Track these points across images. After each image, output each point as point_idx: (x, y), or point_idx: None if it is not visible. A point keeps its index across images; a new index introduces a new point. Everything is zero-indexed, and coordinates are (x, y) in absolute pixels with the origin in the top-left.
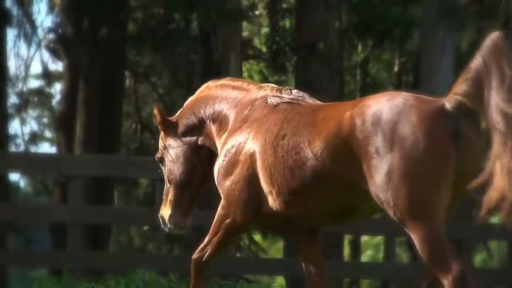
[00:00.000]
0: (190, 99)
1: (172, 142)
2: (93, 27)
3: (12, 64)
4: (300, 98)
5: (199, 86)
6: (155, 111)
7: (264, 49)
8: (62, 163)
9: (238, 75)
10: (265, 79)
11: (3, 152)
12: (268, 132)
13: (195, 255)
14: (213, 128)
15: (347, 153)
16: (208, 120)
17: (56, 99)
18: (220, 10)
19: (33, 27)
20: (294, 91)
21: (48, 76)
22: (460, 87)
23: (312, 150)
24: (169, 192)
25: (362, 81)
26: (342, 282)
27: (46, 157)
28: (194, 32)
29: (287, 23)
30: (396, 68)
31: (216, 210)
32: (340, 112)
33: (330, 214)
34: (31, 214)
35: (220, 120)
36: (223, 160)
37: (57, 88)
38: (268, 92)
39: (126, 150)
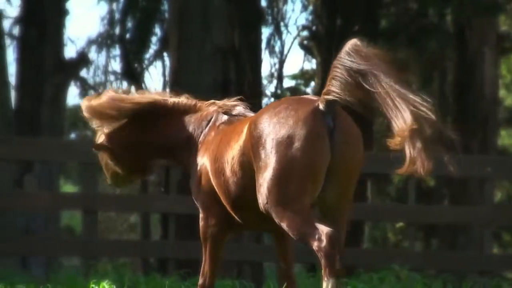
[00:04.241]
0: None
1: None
2: (345, 24)
3: (267, 63)
4: (241, 115)
5: (450, 83)
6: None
7: None
8: None
9: (493, 70)
10: None
11: None
12: (212, 152)
13: (199, 281)
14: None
15: (250, 163)
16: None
17: None
18: (476, 4)
19: (287, 25)
20: (237, 109)
21: (302, 74)
22: (327, 88)
23: (231, 169)
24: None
25: None
26: None
27: None
28: (448, 26)
29: None
30: None
31: None
32: (245, 124)
33: (263, 219)
34: None
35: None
36: (193, 179)
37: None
38: (216, 110)
39: (379, 146)
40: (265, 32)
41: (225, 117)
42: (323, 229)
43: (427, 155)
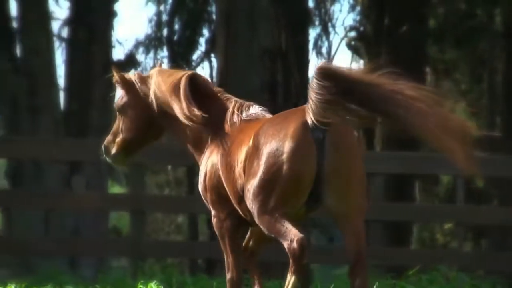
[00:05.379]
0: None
1: (133, 103)
2: (393, 24)
3: (314, 64)
4: (254, 116)
5: (499, 83)
6: (117, 76)
7: None
8: (364, 160)
9: None
10: None
11: None
12: (225, 147)
13: (227, 277)
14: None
15: None
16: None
17: None
18: None
19: (334, 26)
20: (252, 108)
21: None
22: (307, 111)
23: (238, 169)
24: (118, 135)
25: None
26: None
27: None
28: (497, 27)
29: None
30: None
31: None
32: (254, 130)
33: None
34: None
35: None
36: (202, 179)
37: None
38: (232, 108)
39: (426, 146)
40: (312, 33)
41: (241, 115)
42: (296, 234)
43: (466, 154)
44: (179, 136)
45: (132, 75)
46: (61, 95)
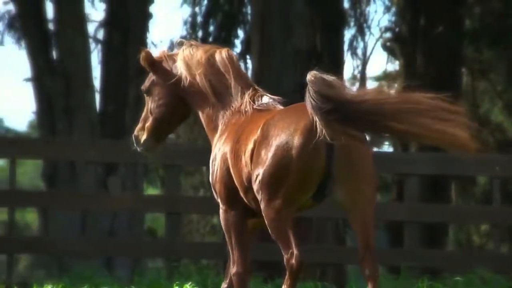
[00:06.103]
0: (200, 56)
1: (160, 81)
2: (429, 25)
3: (349, 65)
4: (265, 106)
5: None
6: (143, 54)
7: None
8: (399, 162)
9: None
10: None
11: None
12: (235, 136)
13: (234, 270)
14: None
15: None
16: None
17: None
18: None
19: (369, 27)
20: (264, 99)
21: (386, 76)
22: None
23: (245, 157)
24: (147, 120)
25: None
26: None
27: (383, 155)
28: None
29: None
30: None
31: None
32: (263, 120)
33: None
34: None
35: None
36: (212, 169)
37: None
38: (246, 97)
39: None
40: (347, 34)
41: (253, 104)
42: (296, 250)
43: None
44: (201, 113)
45: (160, 51)
46: (97, 97)
